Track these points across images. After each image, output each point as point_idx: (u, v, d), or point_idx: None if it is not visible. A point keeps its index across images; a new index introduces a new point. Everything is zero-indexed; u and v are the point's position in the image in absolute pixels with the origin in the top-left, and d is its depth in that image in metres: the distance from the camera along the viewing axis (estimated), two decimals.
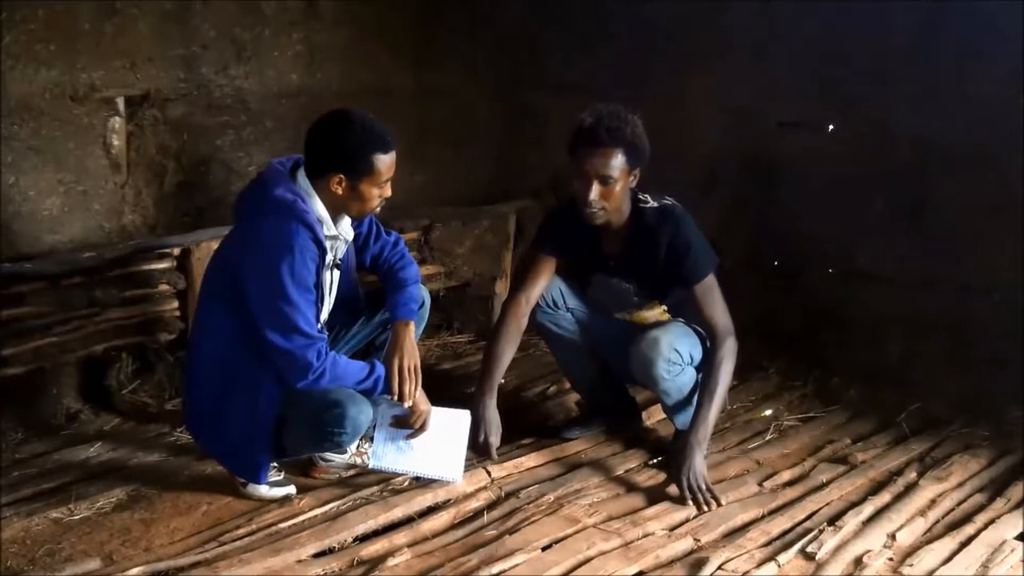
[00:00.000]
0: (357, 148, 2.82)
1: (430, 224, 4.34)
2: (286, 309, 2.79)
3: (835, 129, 4.20)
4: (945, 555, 2.86)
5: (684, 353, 3.32)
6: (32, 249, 3.54)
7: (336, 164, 2.83)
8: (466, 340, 4.71)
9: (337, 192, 2.86)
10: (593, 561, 2.78)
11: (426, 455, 3.15)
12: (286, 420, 2.98)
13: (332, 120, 2.85)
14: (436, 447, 3.16)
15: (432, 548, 2.83)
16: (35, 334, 3.31)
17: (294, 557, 2.73)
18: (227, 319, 2.91)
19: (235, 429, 2.98)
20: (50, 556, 2.75)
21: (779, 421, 3.81)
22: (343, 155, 2.83)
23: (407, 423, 3.13)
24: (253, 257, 2.81)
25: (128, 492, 3.11)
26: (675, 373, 3.32)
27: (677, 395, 3.38)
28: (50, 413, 3.64)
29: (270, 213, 2.80)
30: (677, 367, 3.31)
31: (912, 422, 3.77)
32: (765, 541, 2.93)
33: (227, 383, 2.95)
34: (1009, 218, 3.80)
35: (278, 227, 2.77)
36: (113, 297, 3.48)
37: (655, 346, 3.28)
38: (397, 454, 3.15)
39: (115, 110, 3.71)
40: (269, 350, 2.84)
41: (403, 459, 3.16)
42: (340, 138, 2.83)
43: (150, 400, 3.80)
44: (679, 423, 3.44)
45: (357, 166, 2.83)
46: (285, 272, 2.77)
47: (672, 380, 3.33)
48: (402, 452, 3.15)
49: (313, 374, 2.85)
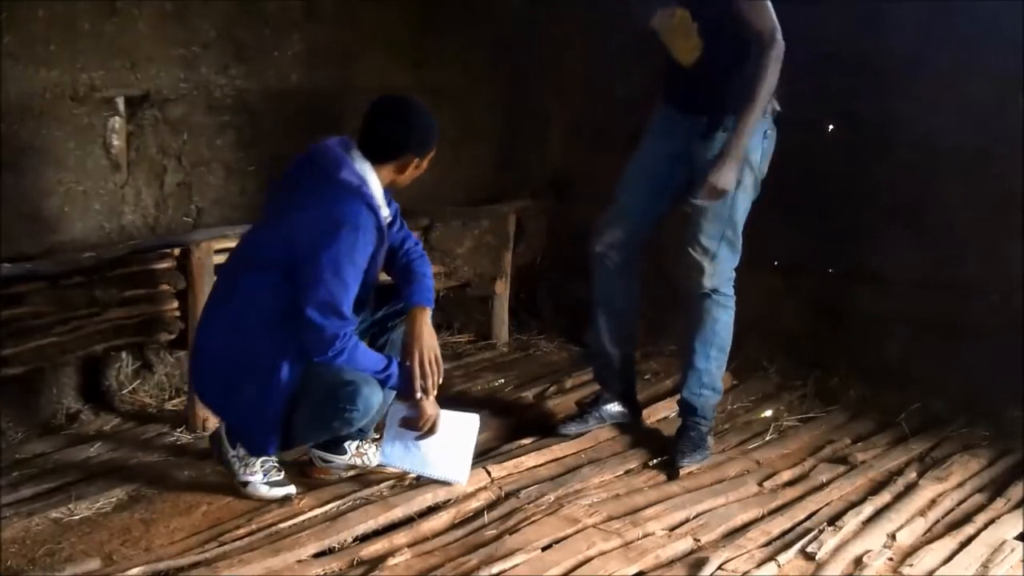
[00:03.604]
0: (429, 129, 3.00)
1: (430, 224, 4.34)
2: (336, 288, 2.86)
3: (835, 129, 4.20)
4: (945, 555, 2.87)
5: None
6: (32, 249, 3.53)
7: (413, 147, 2.97)
8: (466, 340, 4.71)
9: (403, 174, 3.01)
10: (593, 561, 2.78)
11: (433, 457, 3.16)
12: (298, 399, 3.00)
13: (401, 105, 3.01)
14: (443, 449, 3.16)
15: (432, 548, 2.84)
16: (35, 334, 3.31)
17: (294, 557, 2.73)
18: (262, 289, 2.94)
19: (248, 399, 2.98)
20: (50, 556, 2.75)
21: (779, 421, 3.82)
22: (419, 137, 2.98)
23: (415, 425, 3.13)
24: (322, 234, 2.85)
25: (128, 492, 3.11)
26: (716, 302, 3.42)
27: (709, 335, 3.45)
28: (50, 413, 3.63)
29: (340, 194, 2.89)
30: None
31: (912, 422, 3.77)
32: (765, 541, 2.93)
33: (247, 353, 2.96)
34: (1009, 218, 3.80)
35: (350, 209, 2.87)
36: (113, 297, 3.47)
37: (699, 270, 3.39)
38: (404, 453, 3.16)
39: (115, 110, 3.71)
40: (301, 323, 2.88)
41: (410, 459, 3.17)
42: (416, 121, 2.98)
43: (150, 400, 3.81)
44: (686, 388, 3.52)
45: (427, 147, 3.00)
46: (347, 252, 2.85)
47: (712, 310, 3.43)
48: (409, 452, 3.16)
49: (334, 351, 2.89)
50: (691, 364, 3.51)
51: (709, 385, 3.52)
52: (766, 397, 4.08)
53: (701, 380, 3.51)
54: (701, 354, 3.49)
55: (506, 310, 4.70)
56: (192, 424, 3.54)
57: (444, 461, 3.16)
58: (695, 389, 3.52)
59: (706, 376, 3.51)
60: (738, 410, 3.95)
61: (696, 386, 3.51)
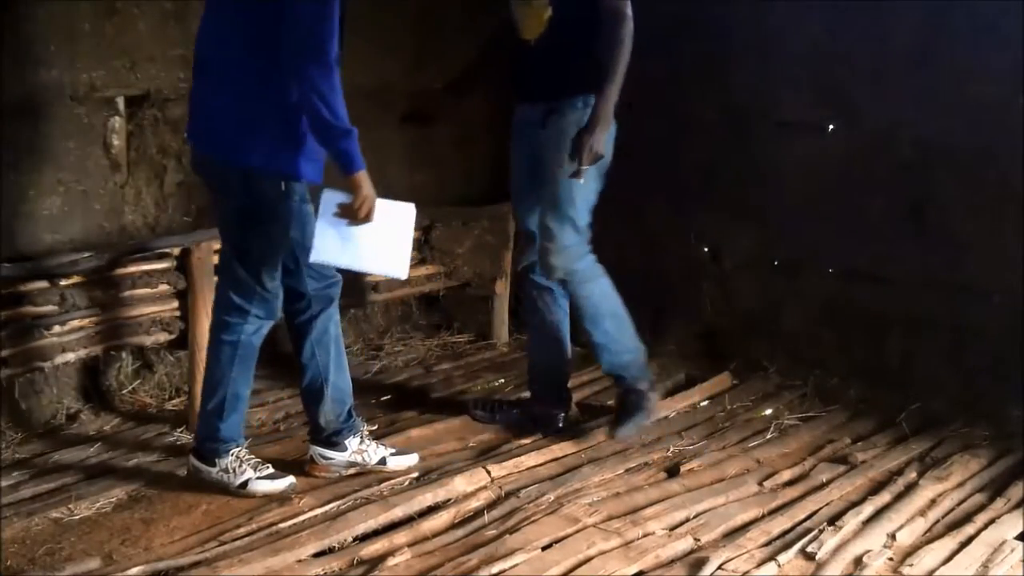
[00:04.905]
0: None
1: (430, 224, 4.34)
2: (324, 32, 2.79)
3: (835, 129, 4.20)
4: (945, 555, 2.86)
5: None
6: (32, 249, 3.54)
7: None
8: (466, 340, 4.71)
9: None
10: (593, 561, 2.78)
11: (370, 250, 2.98)
12: None
13: None
14: (381, 241, 2.99)
15: (432, 548, 2.84)
16: (35, 334, 3.31)
17: (294, 557, 2.73)
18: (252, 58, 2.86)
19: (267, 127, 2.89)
20: (50, 556, 2.75)
21: (779, 421, 3.81)
22: None
23: (351, 211, 2.93)
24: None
25: (128, 492, 3.11)
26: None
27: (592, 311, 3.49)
28: (50, 413, 3.64)
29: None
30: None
31: (912, 422, 3.77)
32: (765, 541, 2.93)
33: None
34: (1009, 218, 3.80)
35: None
36: (113, 297, 3.48)
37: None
38: (340, 248, 2.96)
39: (115, 110, 3.71)
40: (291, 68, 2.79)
41: (347, 254, 2.98)
42: None
43: (150, 400, 3.81)
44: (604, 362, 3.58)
45: None
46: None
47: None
48: (346, 245, 2.96)
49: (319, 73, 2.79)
50: (593, 344, 3.57)
51: (621, 349, 3.56)
52: (766, 396, 4.08)
53: (609, 349, 3.56)
54: (595, 332, 3.54)
55: (506, 310, 4.70)
56: (192, 424, 3.54)
57: (382, 254, 3.01)
58: (608, 359, 3.58)
59: (612, 343, 3.55)
60: (738, 409, 3.95)
61: (608, 356, 3.57)
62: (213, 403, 3.08)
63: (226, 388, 3.07)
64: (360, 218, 2.94)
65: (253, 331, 3.07)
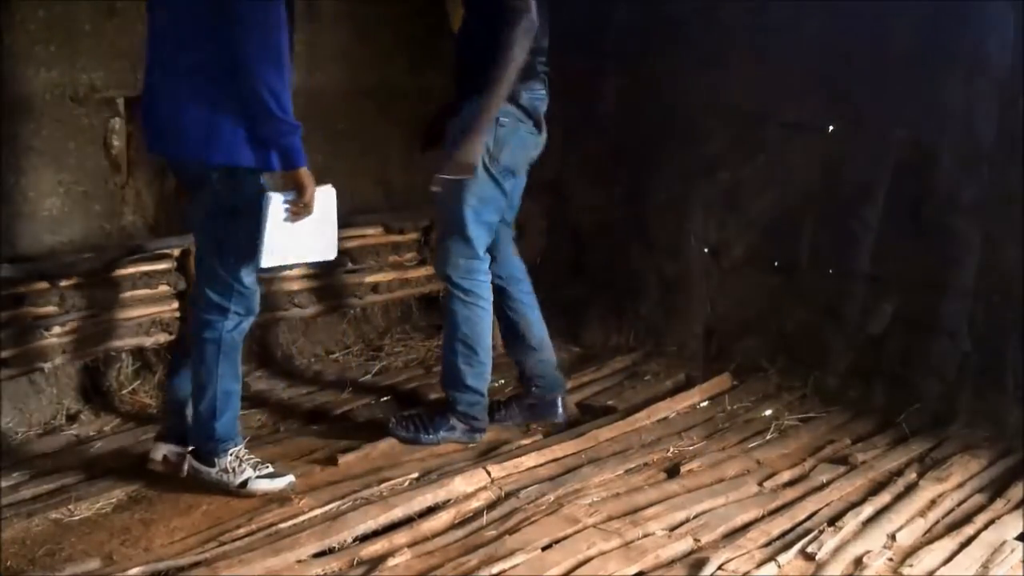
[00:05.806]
0: None
1: (430, 224, 4.34)
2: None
3: (835, 129, 4.20)
4: (945, 555, 2.86)
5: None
6: (32, 249, 3.54)
7: None
8: None
9: None
10: (593, 561, 2.78)
11: (307, 240, 3.00)
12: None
13: None
14: (316, 230, 3.01)
15: (432, 548, 2.84)
16: (35, 335, 3.31)
17: (294, 557, 2.73)
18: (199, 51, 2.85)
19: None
20: (50, 556, 2.75)
21: (779, 421, 3.81)
22: None
23: (299, 207, 2.94)
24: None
25: (128, 492, 3.11)
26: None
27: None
28: (50, 413, 3.63)
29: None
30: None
31: (912, 422, 3.77)
32: (765, 541, 2.93)
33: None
34: (1009, 218, 3.80)
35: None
36: (113, 297, 3.48)
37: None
38: (285, 248, 2.98)
39: (115, 111, 3.71)
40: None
41: (291, 250, 3.01)
42: None
43: (150, 400, 3.81)
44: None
45: None
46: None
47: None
48: (289, 244, 2.98)
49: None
50: (443, 353, 3.54)
51: (455, 381, 3.49)
52: (766, 397, 4.08)
53: (447, 373, 3.51)
54: (447, 345, 3.51)
55: None
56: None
57: (319, 242, 3.04)
58: (446, 382, 3.53)
59: (451, 370, 3.49)
60: (738, 410, 3.94)
61: (446, 379, 3.52)
62: (204, 403, 3.07)
63: (215, 386, 3.06)
64: (308, 213, 2.96)
65: (233, 327, 3.05)
